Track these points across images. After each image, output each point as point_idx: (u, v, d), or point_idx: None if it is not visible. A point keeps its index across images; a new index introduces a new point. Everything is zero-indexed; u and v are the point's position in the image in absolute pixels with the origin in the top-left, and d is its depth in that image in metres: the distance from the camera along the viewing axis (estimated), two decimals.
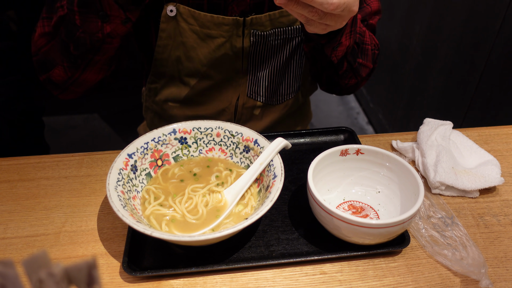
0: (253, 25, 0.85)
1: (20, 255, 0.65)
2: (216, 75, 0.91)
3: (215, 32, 0.85)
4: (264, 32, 0.86)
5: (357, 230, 0.58)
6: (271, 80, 0.95)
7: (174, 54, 0.89)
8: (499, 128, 0.92)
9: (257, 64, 0.91)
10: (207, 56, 0.88)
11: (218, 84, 0.93)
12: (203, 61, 0.89)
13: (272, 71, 0.93)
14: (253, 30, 0.85)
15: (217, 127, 0.76)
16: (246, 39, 0.86)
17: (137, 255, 0.63)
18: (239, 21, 0.84)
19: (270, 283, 0.60)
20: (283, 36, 0.88)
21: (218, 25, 0.84)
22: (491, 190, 0.76)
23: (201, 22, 0.84)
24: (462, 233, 0.65)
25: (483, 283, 0.58)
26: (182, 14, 0.83)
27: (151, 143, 0.73)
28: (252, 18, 0.84)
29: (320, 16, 0.59)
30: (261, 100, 0.97)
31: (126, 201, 0.62)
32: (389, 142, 0.87)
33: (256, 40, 0.87)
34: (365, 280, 0.60)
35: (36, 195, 0.76)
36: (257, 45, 0.87)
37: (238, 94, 0.94)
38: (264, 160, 0.69)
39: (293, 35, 0.89)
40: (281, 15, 0.85)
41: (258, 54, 0.89)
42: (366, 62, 0.91)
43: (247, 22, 0.84)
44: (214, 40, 0.86)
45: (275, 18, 0.85)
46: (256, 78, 0.93)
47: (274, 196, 0.60)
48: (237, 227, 0.56)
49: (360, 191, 0.72)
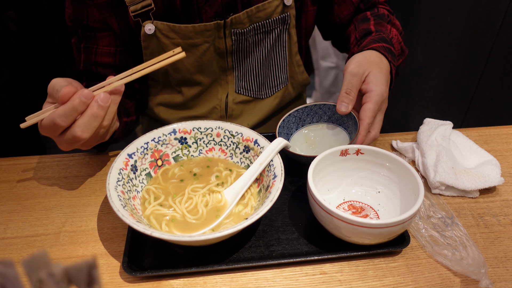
0: (233, 24, 0.86)
1: (20, 255, 0.65)
2: (204, 79, 0.93)
3: (198, 40, 0.86)
4: (243, 29, 0.87)
5: (357, 230, 0.58)
6: (257, 73, 0.96)
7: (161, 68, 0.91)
8: (499, 128, 0.92)
9: (241, 60, 0.93)
10: (193, 64, 0.90)
11: (207, 86, 0.95)
12: (190, 69, 0.90)
13: (256, 65, 0.95)
14: (233, 29, 0.86)
15: (217, 127, 0.76)
16: (228, 39, 0.88)
17: (137, 255, 0.63)
18: (220, 24, 0.85)
19: (270, 283, 0.60)
20: (262, 29, 0.89)
21: (200, 33, 0.85)
22: (491, 190, 0.76)
23: (183, 34, 0.85)
24: (462, 233, 0.65)
25: (483, 283, 0.58)
26: (162, 30, 0.84)
27: (151, 143, 0.73)
28: (232, 18, 0.85)
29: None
30: (249, 95, 0.98)
31: (126, 201, 0.62)
32: (389, 142, 0.87)
33: (237, 38, 0.88)
34: (365, 280, 0.60)
35: (36, 195, 0.76)
36: (238, 42, 0.89)
37: (227, 91, 0.96)
38: (264, 160, 0.69)
39: (272, 27, 0.90)
40: (258, 10, 0.87)
41: (240, 51, 0.91)
42: (404, 54, 0.94)
43: (227, 23, 0.85)
44: (198, 48, 0.87)
45: (252, 14, 0.86)
46: (242, 73, 0.95)
47: (274, 196, 0.60)
48: (237, 227, 0.56)
49: (360, 191, 0.72)
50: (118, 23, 0.84)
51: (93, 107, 0.60)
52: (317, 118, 0.86)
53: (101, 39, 0.86)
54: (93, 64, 0.88)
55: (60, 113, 0.59)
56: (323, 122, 0.86)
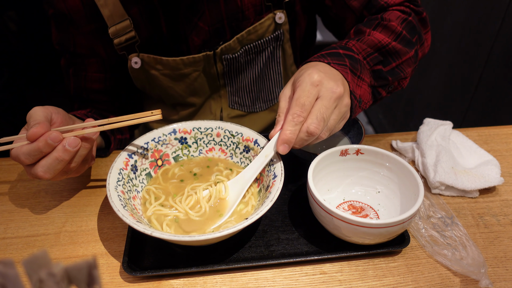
0: (224, 52, 0.84)
1: (21, 255, 0.65)
2: (197, 99, 0.92)
3: (187, 70, 0.84)
4: (235, 53, 0.85)
5: (357, 230, 0.58)
6: (250, 89, 0.94)
7: (153, 92, 0.90)
8: (499, 128, 0.92)
9: (233, 78, 0.91)
10: (185, 89, 0.88)
11: (201, 105, 0.94)
12: (182, 94, 0.89)
13: (249, 81, 0.93)
14: (224, 55, 0.84)
15: (217, 127, 0.76)
16: (219, 64, 0.86)
17: (137, 255, 0.63)
18: (209, 55, 0.83)
19: (270, 283, 0.60)
20: (254, 50, 0.87)
21: (189, 64, 0.83)
22: (491, 190, 0.76)
23: (171, 66, 0.83)
24: (462, 233, 0.65)
25: (482, 283, 0.58)
26: (149, 63, 0.82)
27: (151, 143, 0.73)
28: (222, 48, 0.83)
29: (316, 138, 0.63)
30: (243, 110, 0.97)
31: (126, 201, 0.62)
32: (389, 142, 0.87)
33: (228, 62, 0.86)
34: (365, 280, 0.60)
35: (36, 195, 0.76)
36: (230, 65, 0.87)
37: (221, 106, 0.95)
38: (270, 152, 0.66)
39: (265, 46, 0.87)
40: (249, 33, 0.83)
41: (232, 71, 0.89)
42: (401, 58, 0.77)
43: (217, 53, 0.83)
44: (188, 76, 0.86)
45: (243, 38, 0.83)
46: (234, 89, 0.93)
47: (274, 196, 0.60)
48: (237, 227, 0.56)
49: (360, 191, 0.72)
50: (106, 50, 0.83)
51: (59, 150, 0.59)
52: None
53: (89, 65, 0.85)
54: (84, 90, 0.87)
55: (25, 151, 0.59)
56: None
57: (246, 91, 0.94)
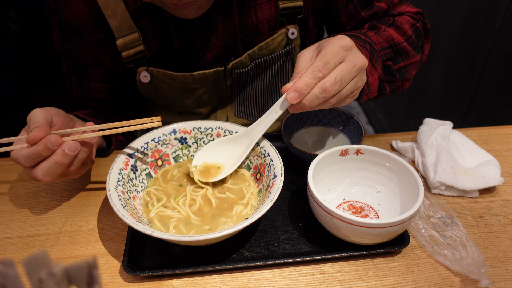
0: (234, 67, 0.83)
1: (21, 255, 0.65)
2: (205, 109, 0.91)
3: (197, 85, 0.83)
4: (245, 68, 0.84)
5: (357, 230, 0.58)
6: (257, 100, 0.93)
7: (161, 102, 0.89)
8: (499, 128, 0.92)
9: (241, 89, 0.90)
10: (193, 101, 0.88)
11: (207, 113, 0.93)
12: (190, 106, 0.89)
13: (257, 93, 0.92)
14: (234, 70, 0.83)
15: (217, 127, 0.76)
16: (228, 78, 0.85)
17: (137, 255, 0.63)
18: (219, 71, 0.82)
19: (270, 283, 0.60)
20: (264, 64, 0.86)
21: (199, 80, 0.82)
22: (491, 190, 0.76)
23: (180, 81, 0.82)
24: (461, 233, 0.65)
25: (482, 283, 0.58)
26: (158, 77, 0.81)
27: (151, 143, 0.73)
28: (233, 64, 0.82)
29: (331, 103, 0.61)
30: (249, 119, 0.96)
31: (126, 201, 0.62)
32: (389, 142, 0.87)
33: (238, 76, 0.85)
34: (365, 280, 0.60)
35: (36, 195, 0.76)
36: (239, 78, 0.86)
37: (227, 115, 0.94)
38: (279, 108, 0.65)
39: (275, 60, 0.87)
40: (261, 48, 0.83)
41: (241, 83, 0.88)
42: (409, 60, 0.80)
43: (227, 69, 0.82)
44: (198, 90, 0.85)
45: (255, 54, 0.83)
46: (241, 99, 0.92)
47: (274, 196, 0.60)
48: (237, 227, 0.56)
49: (360, 191, 0.72)
50: (111, 60, 0.81)
51: (58, 154, 0.59)
52: (317, 121, 0.86)
53: (93, 75, 0.84)
54: (86, 100, 0.86)
55: (25, 155, 0.59)
56: (322, 125, 0.86)
57: (253, 101, 0.93)
